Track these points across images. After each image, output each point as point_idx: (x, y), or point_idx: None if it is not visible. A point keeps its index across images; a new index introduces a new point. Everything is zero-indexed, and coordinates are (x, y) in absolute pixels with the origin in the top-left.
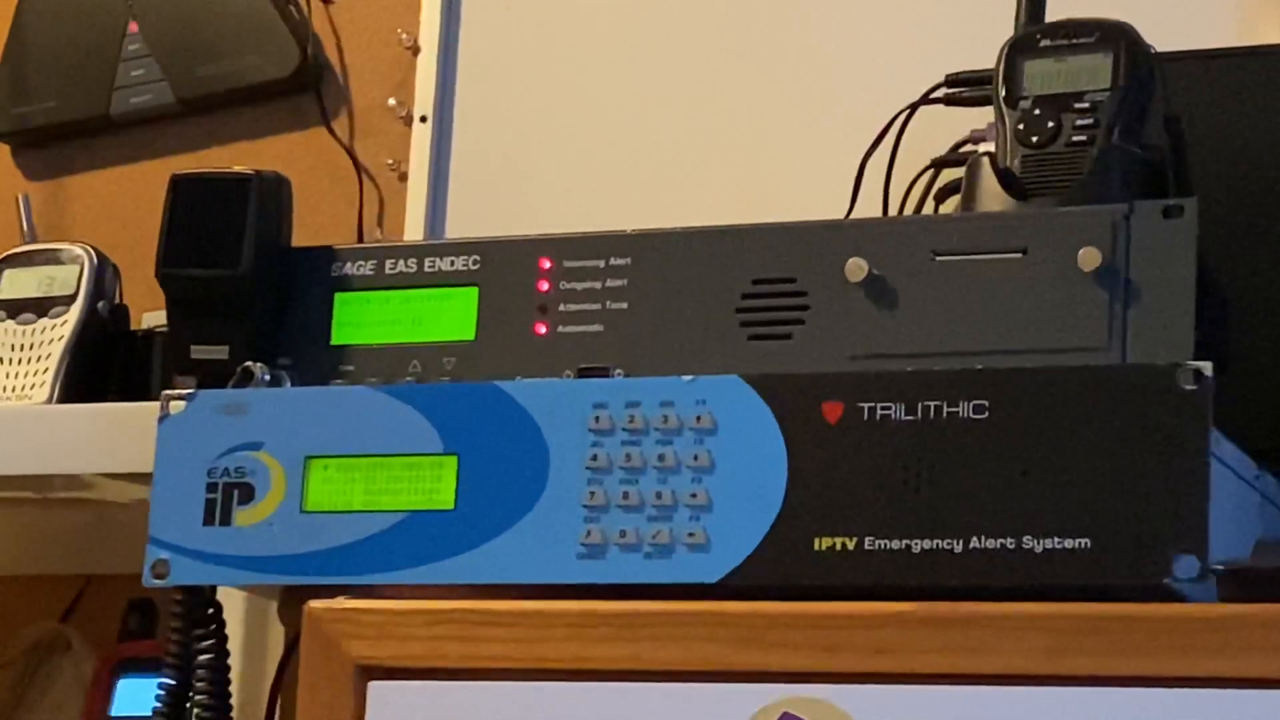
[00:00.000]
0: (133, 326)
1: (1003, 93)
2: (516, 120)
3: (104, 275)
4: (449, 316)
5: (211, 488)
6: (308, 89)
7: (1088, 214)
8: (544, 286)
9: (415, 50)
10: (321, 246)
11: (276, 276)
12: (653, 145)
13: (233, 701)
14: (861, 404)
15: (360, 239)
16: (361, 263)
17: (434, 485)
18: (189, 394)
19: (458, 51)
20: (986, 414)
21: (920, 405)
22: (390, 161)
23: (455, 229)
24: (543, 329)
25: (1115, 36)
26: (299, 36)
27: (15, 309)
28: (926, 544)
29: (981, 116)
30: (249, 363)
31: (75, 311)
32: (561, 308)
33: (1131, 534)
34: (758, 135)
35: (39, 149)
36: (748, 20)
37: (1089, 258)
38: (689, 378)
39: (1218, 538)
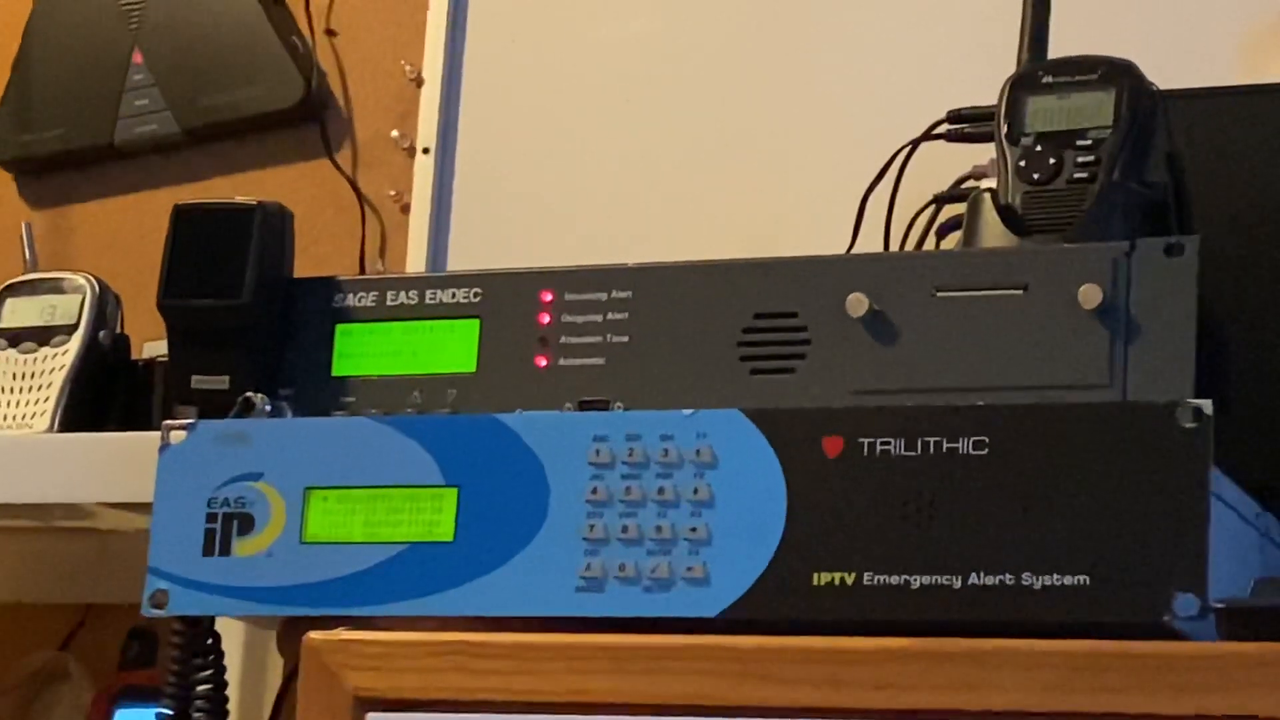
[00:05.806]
0: (134, 356)
1: (1004, 129)
2: (519, 153)
3: (106, 304)
4: (450, 348)
5: (211, 518)
6: (311, 120)
7: (1089, 251)
8: (545, 319)
9: (419, 82)
10: (323, 277)
11: (278, 307)
12: (654, 179)
13: None
14: (862, 439)
15: (362, 270)
16: (363, 294)
17: (434, 517)
18: (189, 424)
19: (461, 84)
20: (987, 450)
21: (920, 441)
22: (393, 193)
23: (457, 261)
24: (543, 361)
25: (1118, 74)
26: (303, 68)
27: (17, 338)
28: (926, 580)
29: (983, 153)
30: (250, 393)
31: (76, 341)
32: (562, 340)
33: (1131, 571)
34: (760, 170)
35: (43, 177)
36: (750, 56)
37: (1090, 295)
38: (689, 411)
39: (1218, 576)
